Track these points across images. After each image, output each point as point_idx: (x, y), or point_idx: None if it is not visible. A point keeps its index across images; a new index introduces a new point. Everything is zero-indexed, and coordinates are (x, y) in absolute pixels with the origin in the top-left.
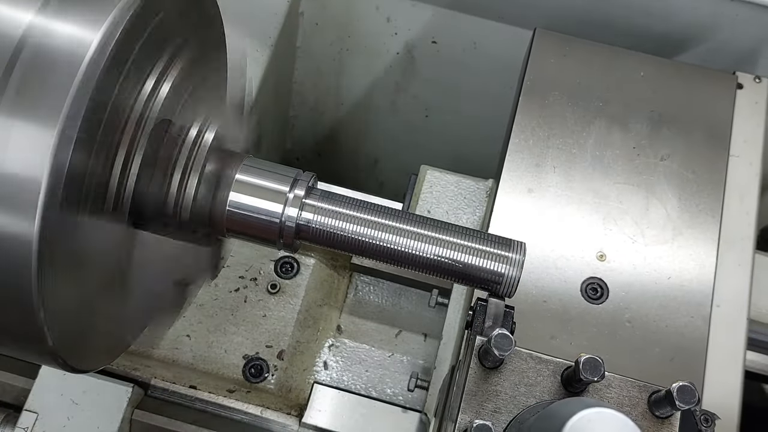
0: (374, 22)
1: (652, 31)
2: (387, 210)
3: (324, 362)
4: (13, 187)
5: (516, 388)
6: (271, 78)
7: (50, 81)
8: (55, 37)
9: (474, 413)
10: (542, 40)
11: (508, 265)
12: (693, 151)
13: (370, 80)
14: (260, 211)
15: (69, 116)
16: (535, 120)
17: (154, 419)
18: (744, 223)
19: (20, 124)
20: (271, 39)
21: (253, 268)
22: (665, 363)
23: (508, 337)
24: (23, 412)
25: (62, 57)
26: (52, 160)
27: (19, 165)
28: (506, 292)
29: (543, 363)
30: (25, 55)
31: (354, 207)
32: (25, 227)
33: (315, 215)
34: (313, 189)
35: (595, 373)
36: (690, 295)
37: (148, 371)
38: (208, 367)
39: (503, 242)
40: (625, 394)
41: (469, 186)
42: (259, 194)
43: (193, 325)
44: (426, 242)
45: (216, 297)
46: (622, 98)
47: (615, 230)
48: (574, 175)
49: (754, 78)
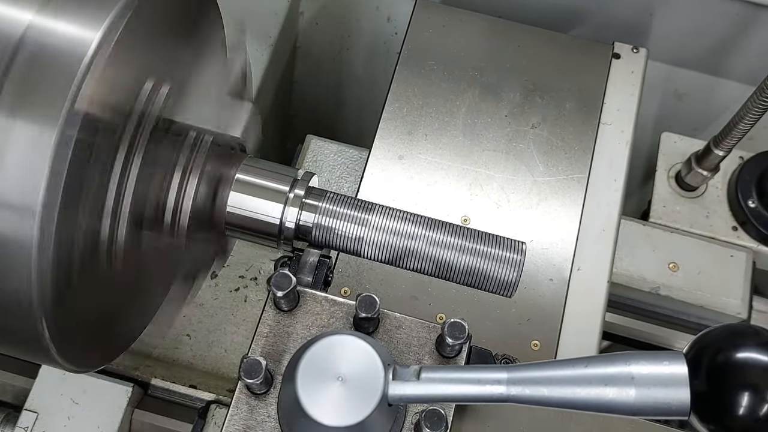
0: (374, 22)
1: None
2: (387, 210)
3: None
4: (12, 187)
5: (308, 330)
6: (271, 78)
7: (50, 81)
8: (55, 37)
9: (263, 354)
10: (422, 10)
11: (507, 266)
12: (563, 119)
13: (371, 80)
14: (260, 211)
15: (69, 116)
16: (411, 89)
17: (155, 419)
18: (611, 188)
19: (20, 124)
20: (271, 38)
21: (254, 268)
22: (522, 323)
23: (288, 276)
24: (23, 412)
25: (62, 56)
26: (51, 160)
27: (19, 165)
28: (506, 293)
29: (337, 305)
30: (25, 54)
31: (354, 207)
32: (25, 228)
33: (315, 215)
34: (313, 189)
35: (370, 310)
36: (551, 258)
37: (148, 371)
38: (208, 367)
39: (502, 243)
40: (414, 335)
41: (352, 155)
42: (260, 194)
43: (193, 325)
44: (425, 243)
45: (216, 296)
46: (497, 68)
47: (480, 195)
48: (444, 143)
49: (632, 48)
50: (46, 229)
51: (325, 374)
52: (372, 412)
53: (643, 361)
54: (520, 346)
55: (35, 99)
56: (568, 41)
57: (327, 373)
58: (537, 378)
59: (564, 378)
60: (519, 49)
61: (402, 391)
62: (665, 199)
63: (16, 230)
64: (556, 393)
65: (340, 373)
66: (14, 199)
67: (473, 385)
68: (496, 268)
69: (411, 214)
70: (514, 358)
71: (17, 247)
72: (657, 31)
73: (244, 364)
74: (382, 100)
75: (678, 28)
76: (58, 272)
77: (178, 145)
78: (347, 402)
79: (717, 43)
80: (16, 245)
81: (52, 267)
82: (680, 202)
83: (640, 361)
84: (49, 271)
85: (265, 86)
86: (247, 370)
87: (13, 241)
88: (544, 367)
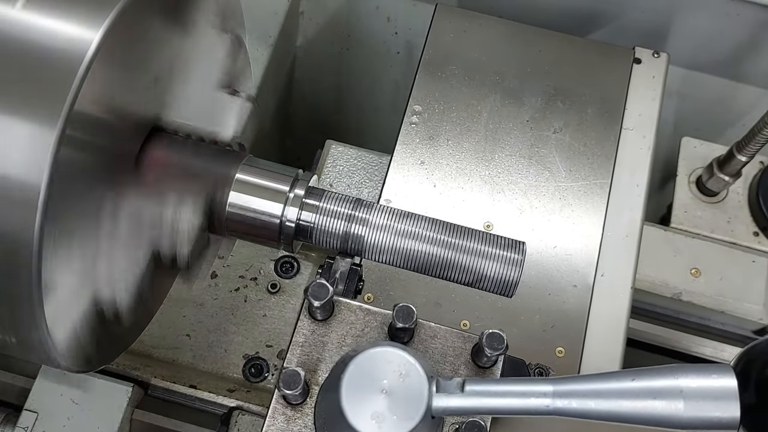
0: (374, 22)
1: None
2: (387, 210)
3: None
4: (13, 186)
5: (343, 339)
6: (272, 77)
7: (50, 81)
8: (55, 37)
9: (299, 364)
10: (443, 15)
11: (508, 265)
12: (585, 125)
13: (371, 80)
14: (260, 211)
15: (69, 115)
16: (432, 94)
17: (155, 419)
18: (633, 194)
19: (20, 123)
20: (272, 38)
21: (254, 268)
22: (547, 329)
23: (325, 286)
24: (23, 412)
25: (62, 57)
26: (51, 159)
27: (19, 164)
28: (506, 292)
29: (371, 314)
30: (25, 53)
31: (354, 207)
32: (26, 227)
33: (315, 215)
34: (313, 188)
35: (407, 320)
36: (574, 265)
37: (148, 371)
38: (208, 367)
39: (502, 242)
40: (449, 345)
41: (371, 160)
42: (259, 194)
43: (193, 325)
44: (425, 243)
45: (216, 296)
46: (518, 72)
47: (503, 201)
48: (466, 148)
49: (653, 53)
50: (47, 227)
51: (369, 387)
52: (416, 425)
53: (691, 374)
54: (545, 353)
55: (36, 99)
56: (588, 45)
57: (371, 385)
58: (583, 391)
59: (611, 391)
60: (539, 53)
61: (446, 404)
62: (686, 205)
63: (17, 228)
64: (604, 406)
65: (384, 386)
66: (16, 197)
67: (518, 399)
68: (497, 268)
69: (411, 214)
70: (548, 367)
71: (18, 246)
72: (674, 35)
73: (283, 375)
74: (382, 99)
75: (695, 32)
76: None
77: (178, 144)
78: (392, 415)
79: (735, 47)
80: (17, 245)
81: (53, 264)
82: (701, 207)
83: (689, 374)
84: (50, 270)
85: (265, 86)
86: (286, 381)
87: (14, 237)
88: (589, 380)
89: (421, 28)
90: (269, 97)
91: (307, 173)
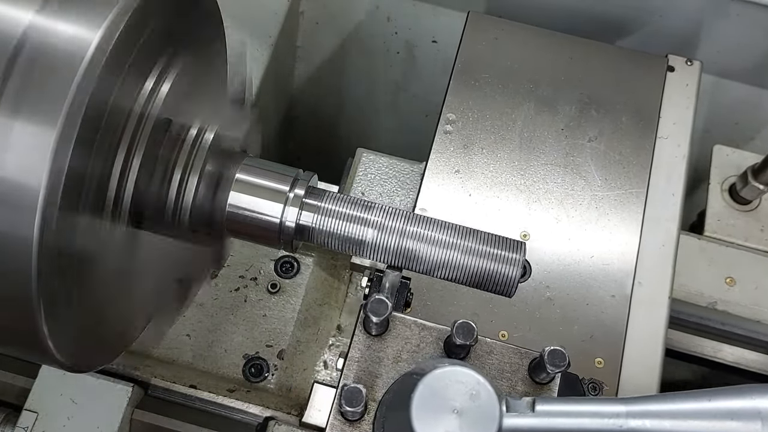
0: (375, 22)
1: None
2: (387, 210)
3: (324, 362)
4: (12, 187)
5: (399, 355)
6: (272, 78)
7: (50, 81)
8: (55, 37)
9: (356, 380)
10: (475, 23)
11: (507, 265)
12: (620, 133)
13: (371, 80)
14: (260, 211)
15: (69, 116)
16: (465, 102)
17: (154, 419)
18: (669, 203)
19: (20, 125)
20: (272, 38)
21: (254, 268)
22: (585, 340)
23: (384, 302)
24: (23, 412)
25: (62, 57)
26: (51, 160)
27: (19, 165)
28: (506, 291)
29: (426, 330)
30: (25, 55)
31: (354, 207)
32: (25, 228)
33: (315, 215)
34: (313, 188)
35: (468, 337)
36: (612, 274)
37: (148, 371)
38: (208, 367)
39: (502, 242)
40: (506, 361)
41: (403, 169)
42: (260, 194)
43: (193, 325)
44: (425, 242)
45: (216, 296)
46: (552, 80)
47: (539, 210)
48: (501, 157)
49: (686, 61)
50: (47, 228)
51: (440, 407)
52: None
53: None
54: (583, 363)
55: (36, 99)
56: (620, 53)
57: (442, 405)
58: (658, 411)
59: (686, 412)
60: (572, 61)
61: (517, 424)
62: (719, 213)
63: (16, 228)
64: (680, 427)
65: (455, 406)
66: (15, 198)
67: (591, 419)
68: (497, 268)
69: (412, 214)
70: (601, 382)
71: (18, 247)
72: (704, 43)
73: (344, 392)
74: (382, 99)
75: (726, 40)
76: (58, 270)
77: (178, 145)
78: None
79: (764, 55)
80: (16, 246)
81: (53, 267)
82: (734, 215)
83: (766, 395)
84: (50, 271)
85: (266, 86)
86: (348, 398)
87: (13, 238)
88: (664, 400)
89: (421, 29)
90: (269, 97)
91: (307, 173)
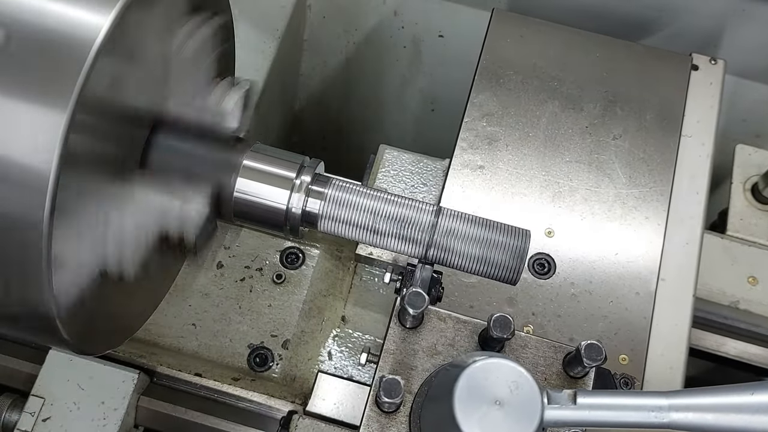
0: (381, 16)
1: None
2: (393, 197)
3: (328, 352)
4: (23, 170)
5: (434, 348)
6: (278, 71)
7: (60, 65)
8: (66, 22)
9: (391, 371)
10: (500, 20)
11: (511, 253)
12: (645, 131)
13: (377, 73)
14: (267, 197)
15: (79, 100)
16: (490, 99)
17: (160, 406)
18: (693, 202)
19: (30, 108)
20: (279, 31)
21: (259, 258)
22: (610, 336)
23: (421, 294)
24: (30, 397)
25: (72, 41)
26: (61, 143)
27: (29, 149)
28: (510, 278)
29: (461, 323)
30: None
31: (360, 194)
32: (36, 212)
33: (321, 202)
34: (319, 176)
35: (505, 331)
36: (636, 272)
37: (154, 358)
38: (213, 356)
39: (507, 230)
40: (540, 354)
41: (426, 165)
42: (266, 180)
43: (199, 314)
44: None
45: (222, 287)
46: (577, 78)
47: (564, 207)
48: (526, 153)
49: (710, 60)
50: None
51: (482, 398)
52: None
53: None
54: (609, 360)
55: (46, 83)
56: (645, 51)
57: (484, 396)
58: (700, 405)
59: (729, 405)
60: (597, 59)
61: (559, 417)
62: (742, 212)
63: (27, 211)
64: (723, 421)
65: (498, 397)
66: (26, 181)
67: (633, 412)
68: (501, 256)
69: (417, 202)
70: (633, 377)
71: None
72: (726, 43)
73: (383, 384)
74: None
75: (747, 41)
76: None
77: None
78: (506, 426)
79: None
80: (26, 230)
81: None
82: (757, 215)
83: None
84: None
85: (272, 79)
86: (386, 389)
87: (23, 225)
88: (705, 394)
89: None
90: (276, 90)
91: (314, 160)
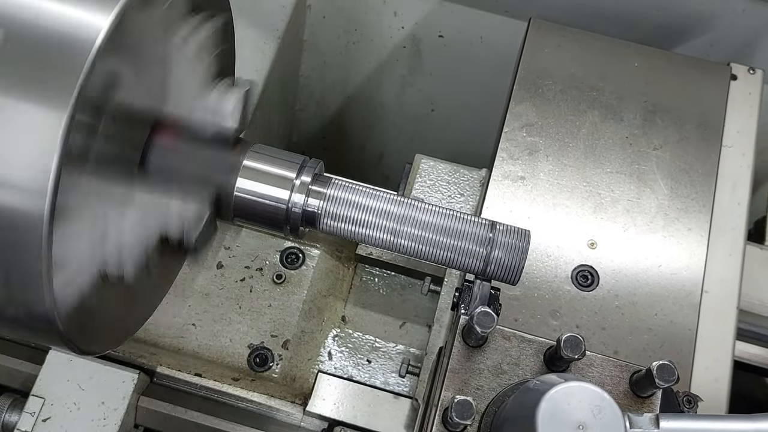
0: (381, 16)
1: (650, 23)
2: (394, 198)
3: (328, 352)
4: (23, 169)
5: (499, 366)
6: (278, 71)
7: (60, 65)
8: (66, 22)
9: (457, 390)
10: (537, 29)
11: (512, 252)
12: (685, 142)
13: (377, 74)
14: (267, 197)
15: (78, 100)
16: (529, 109)
17: (160, 406)
18: (735, 213)
19: (30, 108)
20: (279, 31)
21: (259, 259)
22: (655, 350)
23: (490, 314)
24: (30, 397)
25: (72, 41)
26: (61, 144)
27: (29, 149)
28: (510, 279)
29: (526, 342)
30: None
31: (361, 194)
32: (35, 211)
33: (321, 202)
34: (319, 176)
35: (575, 351)
36: (680, 284)
37: (154, 359)
38: (213, 356)
39: (507, 230)
40: (606, 374)
41: (462, 175)
42: (266, 180)
43: (199, 314)
44: (432, 231)
45: (222, 287)
46: (616, 88)
47: (606, 219)
48: (566, 164)
49: (749, 69)
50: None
51: (565, 423)
52: None
53: None
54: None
55: (46, 83)
56: (684, 61)
57: (567, 421)
58: None
59: None
60: (635, 69)
61: None
62: None
63: (27, 212)
64: None
65: (581, 422)
66: (25, 181)
67: None
68: (502, 256)
69: (418, 202)
70: (696, 395)
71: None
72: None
73: (455, 405)
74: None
75: None
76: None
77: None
78: None
79: None
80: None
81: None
82: None
83: None
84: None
85: (272, 79)
86: (459, 411)
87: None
88: None
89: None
90: (276, 90)
91: (314, 160)
